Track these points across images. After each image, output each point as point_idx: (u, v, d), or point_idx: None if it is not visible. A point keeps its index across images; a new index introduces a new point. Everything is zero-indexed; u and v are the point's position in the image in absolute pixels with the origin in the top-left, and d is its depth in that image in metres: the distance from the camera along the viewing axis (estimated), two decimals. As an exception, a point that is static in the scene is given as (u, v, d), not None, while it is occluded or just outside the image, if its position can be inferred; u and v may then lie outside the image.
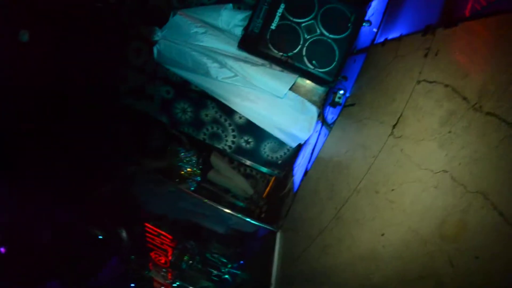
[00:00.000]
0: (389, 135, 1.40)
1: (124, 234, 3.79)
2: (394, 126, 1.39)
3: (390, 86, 1.57)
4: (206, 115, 3.29)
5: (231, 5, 2.95)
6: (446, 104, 1.10)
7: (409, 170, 1.19)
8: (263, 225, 2.55)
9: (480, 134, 0.87)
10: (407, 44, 1.54)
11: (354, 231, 1.35)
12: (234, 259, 2.91)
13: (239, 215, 2.91)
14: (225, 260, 2.90)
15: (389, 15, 2.05)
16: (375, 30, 2.26)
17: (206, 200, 3.07)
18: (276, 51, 2.35)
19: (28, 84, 3.09)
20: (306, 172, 2.47)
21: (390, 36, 1.81)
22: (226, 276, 2.75)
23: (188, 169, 3.66)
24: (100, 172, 3.86)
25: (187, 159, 3.64)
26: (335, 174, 1.83)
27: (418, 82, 1.32)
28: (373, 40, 2.11)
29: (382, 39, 1.93)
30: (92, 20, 3.33)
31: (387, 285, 1.11)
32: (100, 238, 3.73)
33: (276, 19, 2.30)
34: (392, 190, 1.24)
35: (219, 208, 2.99)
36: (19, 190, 3.16)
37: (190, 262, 2.93)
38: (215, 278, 2.85)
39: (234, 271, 2.68)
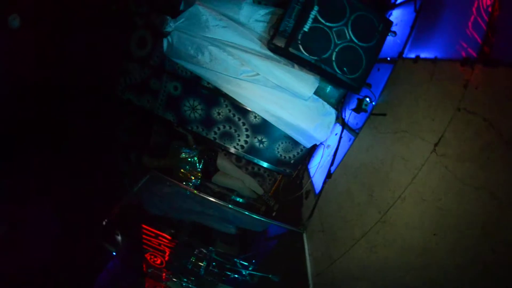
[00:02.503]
0: (431, 151, 1.84)
1: (119, 236, 3.96)
2: (436, 145, 1.83)
3: (428, 106, 2.00)
4: (219, 114, 3.50)
5: None
6: (485, 135, 1.55)
7: (454, 184, 1.64)
8: (289, 227, 2.94)
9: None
10: (444, 69, 1.97)
11: (404, 232, 1.79)
12: (248, 259, 3.27)
13: (256, 217, 3.26)
14: (238, 261, 3.24)
15: (418, 30, 2.46)
16: (399, 41, 2.69)
17: (211, 199, 3.33)
18: (307, 54, 2.65)
19: (21, 75, 3.09)
20: (330, 175, 2.89)
21: (423, 55, 2.23)
22: (247, 278, 3.11)
23: (189, 170, 3.84)
24: (94, 172, 3.98)
25: (189, 159, 3.82)
26: (372, 181, 2.26)
27: (459, 109, 1.75)
28: (401, 53, 2.53)
29: (412, 55, 2.35)
30: (91, 5, 3.30)
31: (444, 272, 1.56)
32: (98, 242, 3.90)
33: (309, 21, 2.58)
34: (440, 199, 1.69)
35: (230, 208, 3.30)
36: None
37: (208, 267, 3.22)
38: (234, 280, 3.20)
39: (254, 272, 3.04)
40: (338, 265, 2.20)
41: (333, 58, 2.68)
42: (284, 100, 3.16)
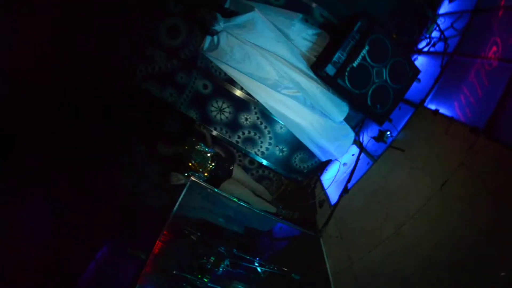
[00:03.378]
0: (438, 190, 3.18)
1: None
2: (442, 185, 3.17)
3: (440, 154, 3.33)
4: (246, 119, 4.46)
5: (301, 15, 4.09)
6: (476, 186, 2.89)
7: (452, 215, 2.98)
8: (307, 232, 4.14)
9: (493, 215, 2.69)
10: (457, 129, 3.29)
11: (415, 243, 3.11)
12: (264, 258, 4.42)
13: (274, 218, 4.40)
14: (255, 260, 4.36)
15: (441, 85, 3.77)
16: (420, 87, 4.00)
17: (230, 197, 4.31)
18: (350, 87, 3.77)
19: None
20: (347, 190, 4.15)
21: (442, 110, 3.54)
22: (262, 275, 4.25)
23: (199, 162, 4.37)
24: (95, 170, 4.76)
25: (205, 154, 4.43)
26: (389, 202, 3.55)
27: (462, 163, 3.09)
28: (423, 101, 3.83)
29: (433, 106, 3.65)
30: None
31: (443, 270, 2.92)
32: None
33: (359, 58, 3.68)
34: (441, 223, 3.03)
35: (245, 206, 4.35)
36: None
37: (224, 266, 4.26)
38: (247, 278, 4.33)
39: (276, 271, 4.18)
40: (357, 265, 3.48)
41: (369, 94, 3.87)
42: (314, 118, 4.26)
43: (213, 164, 4.39)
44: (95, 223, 4.92)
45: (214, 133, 4.56)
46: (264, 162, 4.74)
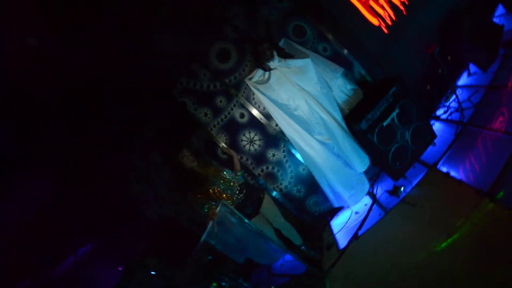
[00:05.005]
0: (444, 241, 4.06)
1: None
2: (448, 237, 4.06)
3: (449, 212, 4.25)
4: (273, 155, 5.32)
5: (343, 69, 5.17)
6: (478, 238, 3.80)
7: (455, 265, 3.84)
8: (315, 271, 4.85)
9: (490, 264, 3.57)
10: (465, 190, 4.23)
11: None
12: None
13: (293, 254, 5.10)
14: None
15: (454, 151, 4.83)
16: (435, 150, 5.07)
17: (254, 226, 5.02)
18: (377, 143, 4.78)
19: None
20: (357, 236, 4.97)
21: (452, 173, 4.53)
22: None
23: (223, 190, 4.49)
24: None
25: (229, 183, 4.54)
26: (397, 251, 4.34)
27: (466, 220, 4.02)
28: (436, 163, 4.86)
29: (445, 169, 4.64)
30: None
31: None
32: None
33: (389, 119, 4.68)
34: (444, 270, 3.87)
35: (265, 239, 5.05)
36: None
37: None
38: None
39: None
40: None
41: (391, 151, 4.88)
42: (336, 165, 5.18)
43: (241, 195, 4.54)
44: (87, 219, 5.46)
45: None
46: (280, 199, 5.56)
